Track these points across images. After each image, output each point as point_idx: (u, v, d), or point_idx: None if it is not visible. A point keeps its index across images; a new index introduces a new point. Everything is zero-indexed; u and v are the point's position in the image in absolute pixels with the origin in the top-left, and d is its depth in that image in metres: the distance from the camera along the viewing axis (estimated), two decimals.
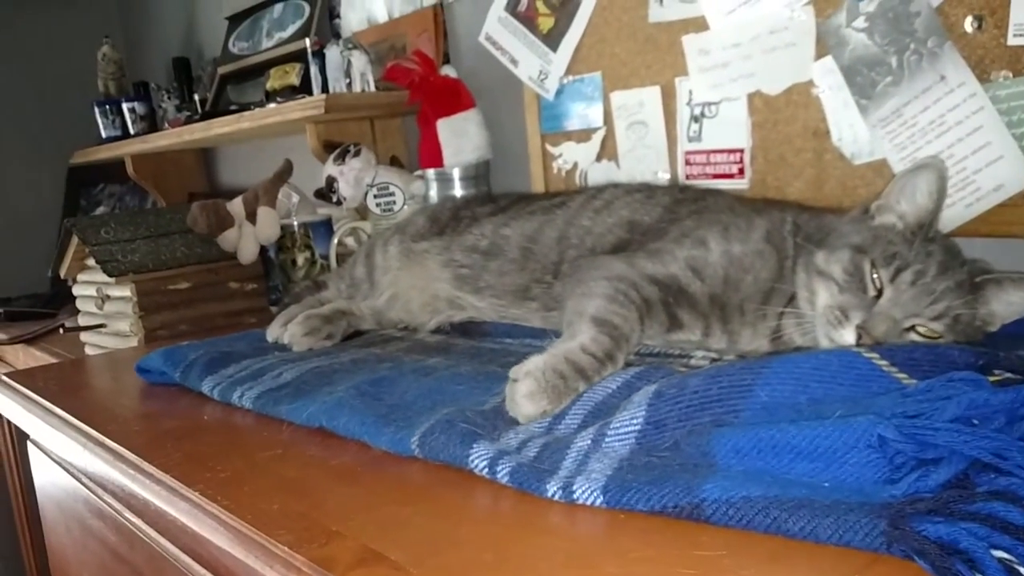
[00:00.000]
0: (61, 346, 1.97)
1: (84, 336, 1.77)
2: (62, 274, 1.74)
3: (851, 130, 1.10)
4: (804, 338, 0.91)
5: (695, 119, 1.25)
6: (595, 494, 0.65)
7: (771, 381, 0.73)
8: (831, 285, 0.88)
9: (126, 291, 1.59)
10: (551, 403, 0.80)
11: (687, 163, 1.28)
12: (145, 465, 0.87)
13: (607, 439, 0.73)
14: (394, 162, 1.79)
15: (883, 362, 0.73)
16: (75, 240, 1.65)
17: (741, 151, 1.21)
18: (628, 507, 0.63)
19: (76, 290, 1.77)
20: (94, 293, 1.69)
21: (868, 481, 0.61)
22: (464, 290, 1.18)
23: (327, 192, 1.66)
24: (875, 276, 0.85)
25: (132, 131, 2.29)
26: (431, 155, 1.56)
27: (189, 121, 2.12)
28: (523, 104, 1.51)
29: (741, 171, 1.21)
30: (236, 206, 1.67)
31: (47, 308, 2.38)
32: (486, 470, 0.72)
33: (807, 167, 1.15)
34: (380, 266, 1.27)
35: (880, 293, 0.85)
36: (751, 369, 0.74)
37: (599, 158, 1.40)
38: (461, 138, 1.54)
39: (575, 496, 0.65)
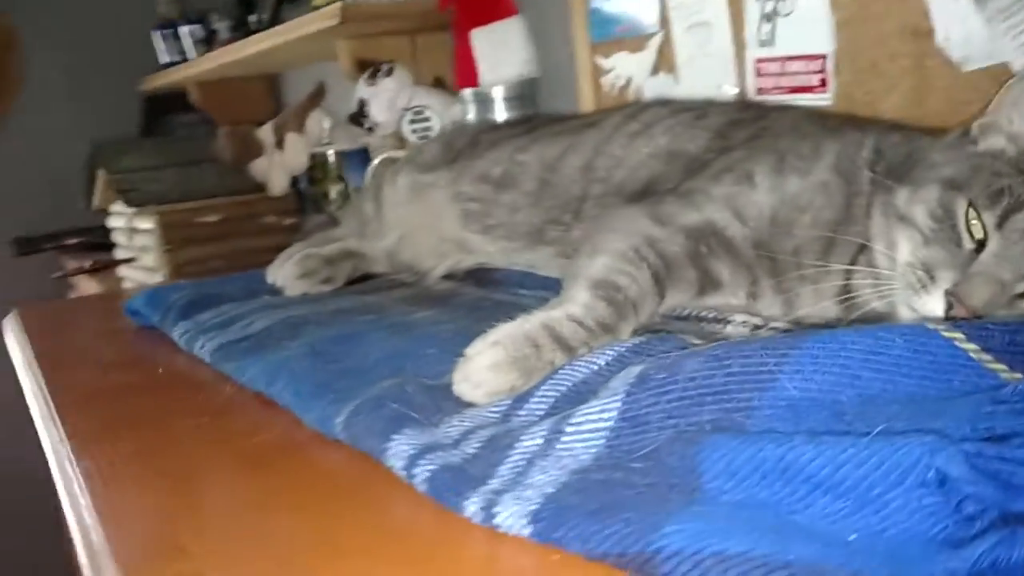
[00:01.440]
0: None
1: (121, 271, 1.69)
2: (94, 204, 1.66)
3: (961, 27, 0.83)
4: (884, 302, 0.67)
5: (767, 17, 1.00)
6: (521, 521, 0.46)
7: (804, 367, 0.52)
8: (913, 234, 0.64)
9: (150, 223, 1.49)
10: (521, 377, 0.62)
11: (758, 74, 1.03)
12: (57, 426, 0.75)
13: (564, 438, 0.54)
14: (437, 83, 1.60)
15: (971, 345, 0.51)
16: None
17: (823, 57, 0.95)
18: (560, 545, 0.44)
19: (110, 221, 1.68)
20: (123, 224, 1.60)
21: (918, 539, 0.40)
22: (472, 229, 0.99)
23: (358, 117, 1.49)
24: (973, 222, 0.61)
25: (188, 57, 2.19)
26: (466, 72, 1.36)
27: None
28: (570, 8, 1.29)
29: (823, 83, 0.96)
30: (265, 132, 1.53)
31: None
32: (403, 469, 0.54)
33: (904, 76, 0.89)
34: (389, 201, 1.10)
35: (981, 245, 0.61)
36: (777, 348, 0.53)
37: (655, 70, 1.17)
38: (500, 50, 1.33)
39: (495, 520, 0.47)
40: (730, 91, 1.07)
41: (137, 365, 0.93)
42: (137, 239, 1.54)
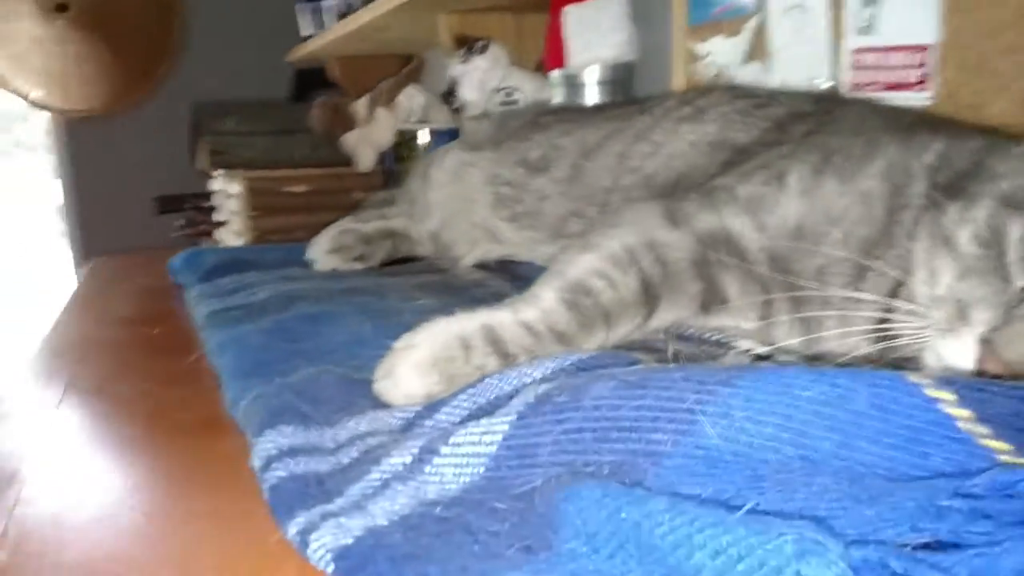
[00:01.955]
0: None
1: (217, 234, 1.72)
2: (197, 166, 1.69)
3: None
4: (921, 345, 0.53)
5: (868, 1, 0.85)
6: (327, 556, 0.38)
7: (733, 411, 0.40)
8: (952, 261, 0.50)
9: (238, 187, 1.50)
10: (441, 382, 0.53)
11: (855, 66, 0.88)
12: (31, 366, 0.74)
13: (436, 459, 0.44)
14: (541, 67, 1.51)
15: (964, 411, 0.38)
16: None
17: (925, 49, 0.79)
18: None
19: (211, 184, 1.71)
20: (219, 188, 1.62)
21: None
22: (501, 216, 0.90)
23: (448, 96, 1.43)
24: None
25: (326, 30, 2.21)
26: (556, 52, 1.27)
27: None
28: None
29: (923, 80, 0.80)
30: (360, 106, 1.50)
31: None
32: (259, 470, 0.47)
33: (1020, 75, 0.72)
34: (435, 181, 1.03)
35: None
36: (704, 382, 0.41)
37: (748, 58, 1.03)
38: (591, 30, 1.23)
39: (308, 550, 0.39)
40: (822, 85, 0.92)
41: (142, 323, 0.91)
42: (229, 203, 1.55)
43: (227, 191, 1.57)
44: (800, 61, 0.95)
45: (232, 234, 1.58)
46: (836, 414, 0.39)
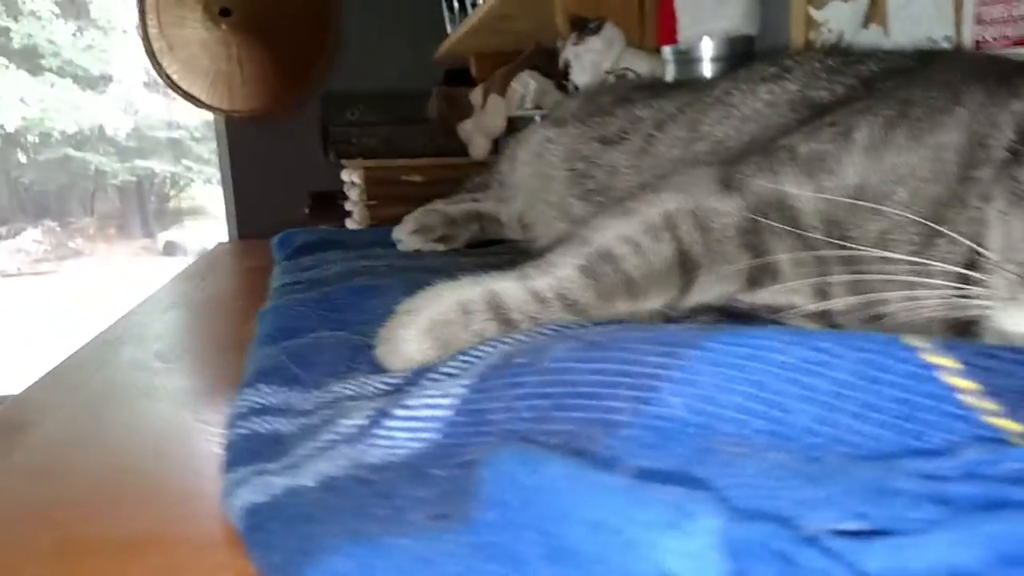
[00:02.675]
0: None
1: (347, 224, 1.77)
2: (330, 156, 1.74)
3: None
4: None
5: None
6: (240, 513, 0.35)
7: (699, 374, 0.35)
8: (1011, 217, 0.42)
9: (356, 177, 1.53)
10: (436, 348, 0.50)
11: (979, 21, 0.77)
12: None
13: (389, 422, 0.41)
14: None
15: (967, 382, 0.31)
16: None
17: None
18: (249, 553, 0.33)
19: (342, 174, 1.76)
20: (346, 178, 1.66)
21: None
22: (574, 193, 0.85)
23: (561, 80, 1.39)
24: None
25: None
26: (667, 26, 1.20)
27: None
28: None
29: None
30: (475, 94, 1.50)
31: None
32: (226, 427, 0.46)
33: None
34: (519, 160, 1.00)
35: None
36: (670, 344, 0.36)
37: (867, 22, 0.93)
38: (701, 2, 1.15)
39: (231, 510, 0.37)
40: (943, 44, 0.81)
41: (214, 303, 0.94)
42: (352, 193, 1.58)
43: (351, 181, 1.60)
44: (920, 20, 0.85)
45: (354, 224, 1.61)
46: (816, 383, 0.32)
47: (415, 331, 0.50)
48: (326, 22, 2.63)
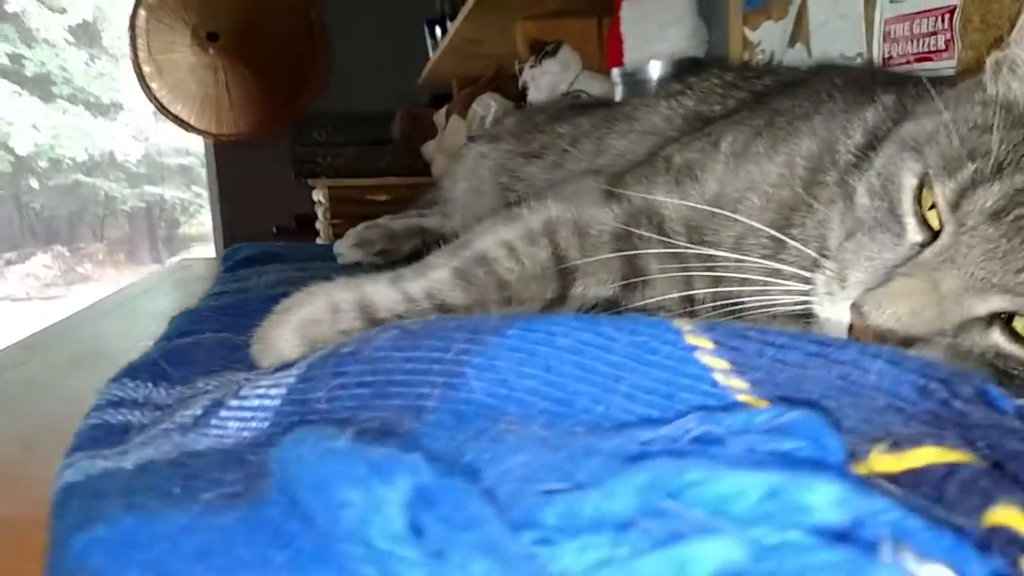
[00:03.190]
0: None
1: (318, 241, 1.79)
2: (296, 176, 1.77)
3: None
4: None
5: None
6: (57, 493, 0.37)
7: (498, 359, 0.36)
8: (847, 216, 0.43)
9: (321, 196, 1.55)
10: (302, 346, 0.51)
11: (886, 38, 0.78)
12: None
13: (223, 412, 0.42)
14: None
15: (720, 361, 0.32)
16: None
17: (951, 10, 0.69)
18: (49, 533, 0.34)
19: (314, 192, 1.79)
20: (316, 197, 1.69)
21: None
22: (499, 207, 0.87)
23: (519, 101, 1.42)
24: (931, 202, 0.39)
25: None
26: (615, 50, 1.22)
27: None
28: None
29: (948, 44, 0.70)
30: (439, 115, 1.52)
31: None
32: (85, 417, 0.47)
33: None
34: (457, 175, 1.02)
35: (938, 235, 0.39)
36: (475, 330, 0.38)
37: (793, 41, 0.95)
38: (647, 26, 1.18)
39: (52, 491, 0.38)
40: (857, 60, 0.82)
41: (149, 313, 0.95)
42: (318, 211, 1.61)
43: (318, 200, 1.63)
44: (837, 38, 0.86)
45: (321, 241, 1.64)
46: (595, 365, 0.34)
47: (286, 330, 0.52)
48: (314, 47, 2.67)
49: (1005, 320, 0.38)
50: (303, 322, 0.52)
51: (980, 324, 0.38)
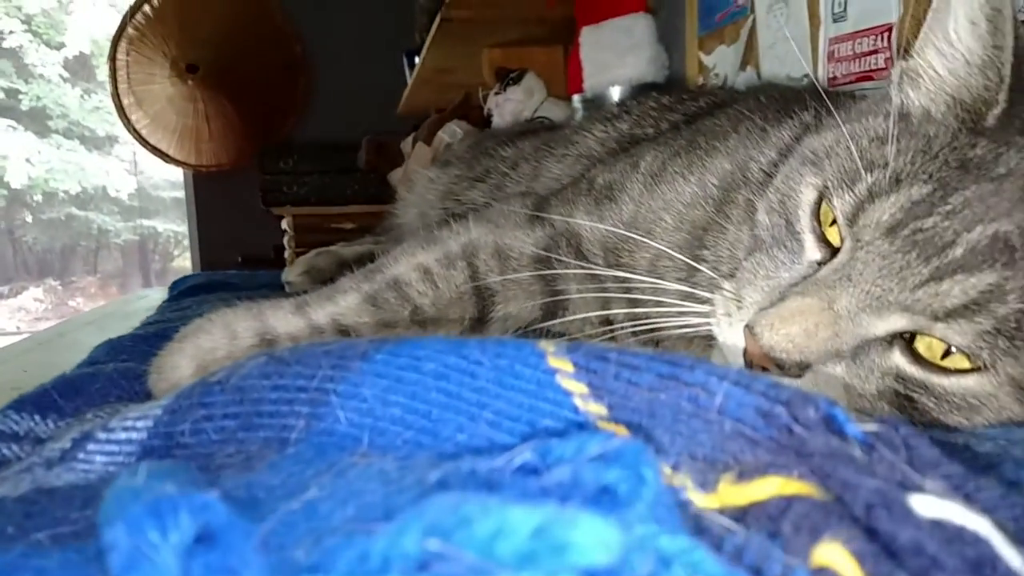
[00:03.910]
0: None
1: None
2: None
3: None
4: None
5: None
6: None
7: (363, 386, 0.34)
8: (748, 236, 0.41)
9: (286, 224, 1.53)
10: (199, 373, 0.49)
11: (831, 58, 0.77)
12: None
13: (91, 446, 0.40)
14: None
15: (579, 385, 0.30)
16: None
17: (888, 28, 0.68)
18: None
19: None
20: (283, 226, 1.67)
21: None
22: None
23: (485, 127, 1.40)
24: (817, 222, 0.37)
25: None
26: (575, 76, 1.21)
27: None
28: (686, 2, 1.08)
29: (888, 62, 0.68)
30: (406, 143, 1.51)
31: None
32: None
33: None
34: (407, 201, 1.00)
35: (836, 253, 0.37)
36: (343, 355, 0.35)
37: (744, 64, 0.93)
38: (605, 52, 1.17)
39: None
40: (802, 80, 0.81)
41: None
42: (285, 239, 1.59)
43: (284, 228, 1.61)
44: (785, 60, 0.85)
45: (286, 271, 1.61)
46: (460, 391, 0.32)
47: (181, 358, 0.50)
48: (294, 79, 2.67)
49: (907, 340, 0.35)
50: (199, 350, 0.50)
51: (880, 345, 0.35)
